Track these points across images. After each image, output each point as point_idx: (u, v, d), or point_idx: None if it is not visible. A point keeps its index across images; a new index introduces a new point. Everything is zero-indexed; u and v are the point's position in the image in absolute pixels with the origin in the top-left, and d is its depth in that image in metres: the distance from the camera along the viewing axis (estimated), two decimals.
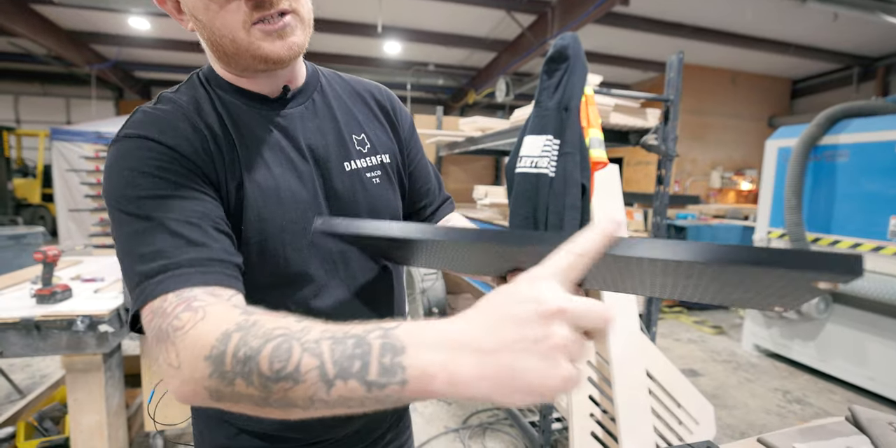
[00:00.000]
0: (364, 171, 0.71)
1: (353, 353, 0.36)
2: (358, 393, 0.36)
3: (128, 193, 0.53)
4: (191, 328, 0.43)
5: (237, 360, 0.39)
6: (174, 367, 0.43)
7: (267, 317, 0.43)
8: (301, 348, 0.37)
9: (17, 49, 8.38)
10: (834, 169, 3.18)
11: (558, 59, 1.73)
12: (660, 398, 2.06)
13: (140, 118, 0.59)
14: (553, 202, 1.72)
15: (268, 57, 0.58)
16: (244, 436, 0.70)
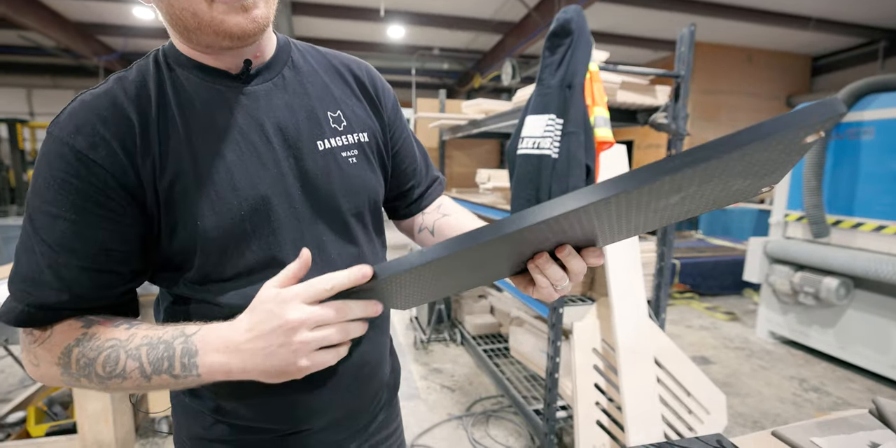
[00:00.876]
0: (339, 150, 0.66)
1: (163, 355, 0.51)
2: (169, 382, 0.52)
3: (33, 202, 0.54)
4: (42, 342, 0.55)
5: (79, 366, 0.53)
6: (35, 365, 0.56)
7: (102, 328, 0.54)
8: (126, 355, 0.52)
9: (27, 42, 8.42)
10: (858, 147, 3.04)
11: (561, 34, 1.64)
12: (669, 387, 2.02)
13: (69, 112, 0.55)
14: (556, 184, 1.65)
15: (231, 32, 0.54)
16: (220, 426, 0.68)
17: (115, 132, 0.54)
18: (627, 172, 0.38)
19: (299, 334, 0.47)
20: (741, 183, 0.45)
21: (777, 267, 3.48)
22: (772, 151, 0.38)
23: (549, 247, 0.51)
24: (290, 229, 0.62)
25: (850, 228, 3.06)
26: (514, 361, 3.01)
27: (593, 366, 2.02)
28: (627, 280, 1.97)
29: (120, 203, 0.55)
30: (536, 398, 2.49)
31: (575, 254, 0.52)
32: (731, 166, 0.39)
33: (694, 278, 4.82)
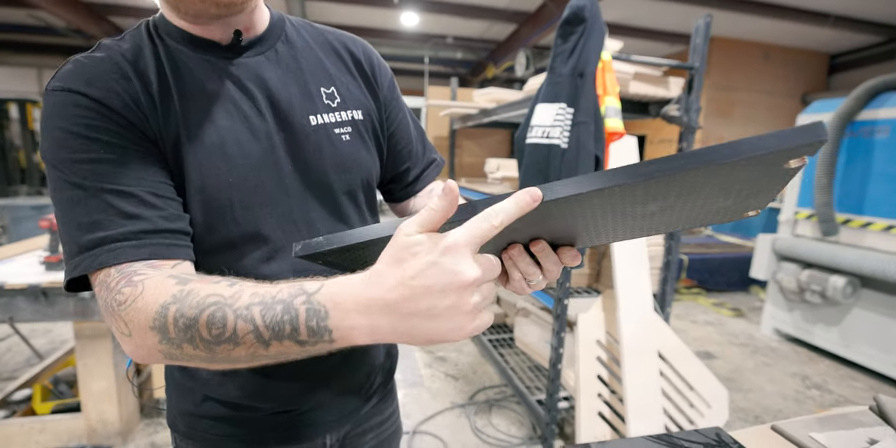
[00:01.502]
0: (332, 126, 0.66)
1: (283, 318, 0.40)
2: (293, 349, 0.42)
3: (61, 156, 0.51)
4: (132, 302, 0.46)
5: (178, 329, 0.43)
6: (126, 335, 0.47)
7: (201, 284, 0.45)
8: (234, 315, 0.42)
9: (37, 22, 8.43)
10: (871, 146, 3.00)
11: (574, 22, 1.63)
12: (671, 380, 2.02)
13: (69, 68, 0.54)
14: (565, 174, 1.65)
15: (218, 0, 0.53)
16: (210, 403, 0.67)
17: (125, 89, 0.54)
18: (602, 171, 0.37)
19: (475, 295, 0.38)
20: (723, 201, 0.44)
21: (785, 264, 3.46)
22: (752, 171, 0.38)
23: (524, 239, 0.50)
24: (278, 203, 0.62)
25: (859, 227, 3.04)
26: (518, 352, 3.03)
27: (596, 357, 2.03)
28: (634, 273, 1.96)
29: (149, 143, 0.55)
30: (539, 389, 2.50)
31: (549, 251, 0.49)
32: (710, 180, 0.38)
33: (701, 274, 4.81)
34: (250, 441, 0.69)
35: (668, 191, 0.39)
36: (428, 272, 0.36)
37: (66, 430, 1.99)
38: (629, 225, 0.48)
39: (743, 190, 0.42)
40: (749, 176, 0.39)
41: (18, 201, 4.81)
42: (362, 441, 0.79)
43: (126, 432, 2.06)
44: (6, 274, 1.80)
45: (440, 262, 0.36)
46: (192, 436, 0.69)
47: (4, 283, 1.69)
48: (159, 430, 2.18)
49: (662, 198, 0.41)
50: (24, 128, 8.77)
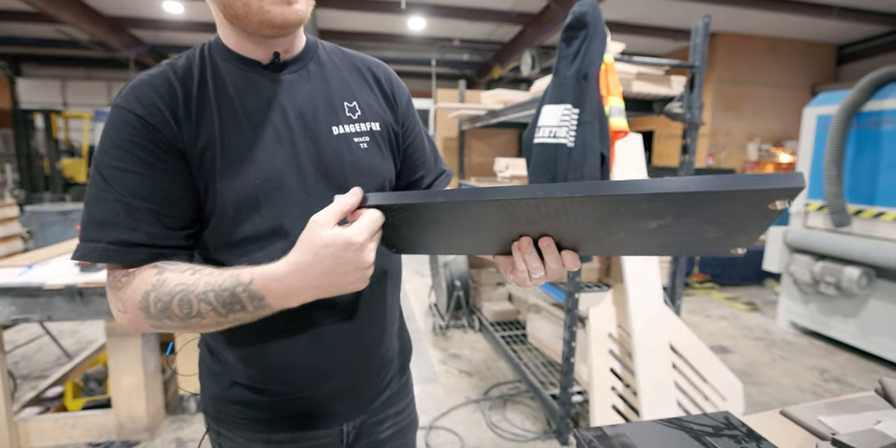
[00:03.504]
0: (352, 135, 0.74)
1: (232, 301, 0.57)
2: (246, 317, 0.59)
3: (104, 160, 0.63)
4: (125, 288, 0.62)
5: (158, 310, 0.59)
6: (122, 311, 0.63)
7: (171, 274, 0.60)
8: (196, 299, 0.58)
9: (63, 36, 8.71)
10: (879, 136, 3.01)
11: (577, 27, 1.69)
12: (684, 372, 2.03)
13: (130, 87, 0.65)
14: (572, 172, 1.71)
15: (275, 22, 0.63)
16: (236, 387, 0.75)
17: (167, 102, 0.64)
18: (606, 181, 0.45)
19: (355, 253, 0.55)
20: (713, 232, 0.50)
21: (797, 256, 3.47)
22: (737, 205, 0.43)
23: (534, 234, 0.56)
24: (300, 202, 0.69)
25: (871, 218, 3.04)
26: (531, 348, 3.08)
27: (609, 351, 2.07)
28: (643, 267, 2.01)
29: (175, 159, 0.64)
30: (553, 384, 2.54)
31: (553, 248, 0.58)
32: (698, 205, 0.44)
33: (714, 268, 4.80)
34: (273, 426, 0.76)
35: (666, 211, 0.46)
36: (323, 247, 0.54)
37: (97, 426, 2.06)
38: (630, 239, 0.54)
39: (730, 224, 0.47)
40: (735, 209, 0.44)
41: (45, 207, 4.98)
42: (378, 430, 0.85)
43: (153, 428, 2.13)
44: (45, 275, 1.90)
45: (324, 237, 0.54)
46: (220, 419, 0.77)
47: (44, 284, 1.79)
48: (184, 426, 2.26)
49: (662, 217, 0.47)
50: (48, 137, 9.04)
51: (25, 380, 2.70)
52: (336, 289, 0.57)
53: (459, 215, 0.54)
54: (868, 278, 3.04)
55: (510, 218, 0.53)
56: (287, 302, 0.58)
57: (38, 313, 1.81)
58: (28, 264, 2.05)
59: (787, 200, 0.42)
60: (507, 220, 0.54)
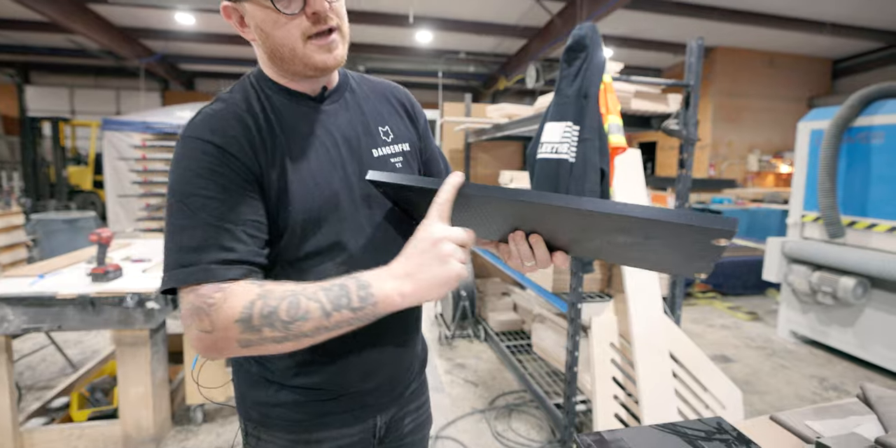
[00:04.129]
0: (389, 156, 0.83)
1: (339, 293, 0.61)
2: (348, 317, 0.61)
3: (184, 189, 0.66)
4: (222, 304, 0.61)
5: (262, 316, 0.60)
6: (207, 331, 0.62)
7: (275, 285, 0.63)
8: (306, 299, 0.60)
9: (73, 45, 8.87)
10: (869, 151, 3.10)
11: (577, 49, 1.79)
12: (685, 381, 2.08)
13: (200, 120, 0.71)
14: (573, 187, 1.79)
15: (317, 66, 0.71)
16: (284, 391, 0.81)
17: (242, 134, 0.70)
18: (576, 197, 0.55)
19: (445, 244, 0.61)
20: (675, 256, 0.60)
21: (795, 267, 3.53)
22: (686, 236, 0.52)
23: (527, 230, 0.67)
24: (352, 219, 0.77)
25: (864, 229, 3.12)
26: (536, 358, 3.11)
27: (611, 359, 2.11)
28: (643, 277, 2.08)
29: (252, 185, 0.70)
30: (557, 393, 2.57)
31: (541, 243, 0.68)
32: (655, 230, 0.53)
33: (716, 278, 4.84)
34: (317, 425, 0.82)
35: (630, 230, 0.56)
36: (415, 241, 0.63)
37: (102, 436, 2.04)
38: (606, 248, 0.65)
39: (687, 251, 0.57)
40: (687, 240, 0.53)
41: (51, 216, 5.01)
42: (403, 424, 0.93)
43: (159, 438, 2.12)
44: (57, 285, 1.93)
45: (420, 234, 0.63)
46: (265, 423, 0.82)
47: (57, 294, 1.81)
48: (190, 436, 2.25)
49: (628, 234, 0.57)
50: (55, 145, 9.09)
51: (30, 390, 2.70)
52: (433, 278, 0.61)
53: (484, 207, 0.65)
54: (863, 288, 3.10)
55: (511, 215, 0.65)
56: (388, 291, 0.61)
57: (49, 323, 1.82)
58: (40, 274, 2.08)
59: (727, 239, 0.51)
60: (508, 216, 0.65)
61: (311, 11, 0.67)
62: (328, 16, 0.68)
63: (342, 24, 0.73)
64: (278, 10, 0.66)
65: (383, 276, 0.62)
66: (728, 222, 0.49)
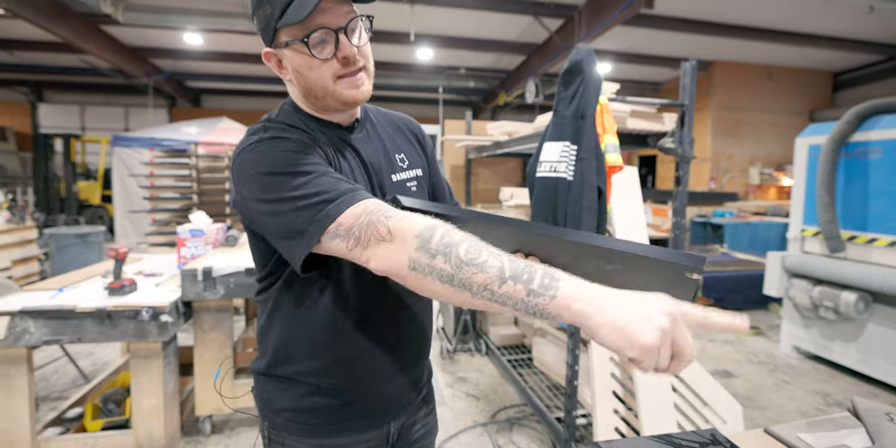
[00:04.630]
0: (405, 181, 0.93)
1: (525, 269, 0.54)
2: (520, 295, 0.53)
3: (281, 167, 0.70)
4: (402, 217, 0.62)
5: (441, 244, 0.57)
6: (383, 239, 0.61)
7: (452, 229, 0.60)
8: (488, 253, 0.57)
9: (85, 64, 9.09)
10: (867, 166, 3.13)
11: (574, 72, 1.84)
12: (684, 395, 2.08)
13: (265, 125, 0.79)
14: (571, 204, 1.83)
15: (347, 100, 0.80)
16: (308, 397, 0.86)
17: (307, 139, 0.78)
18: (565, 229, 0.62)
19: (667, 321, 0.49)
20: (656, 285, 0.58)
21: (796, 281, 3.54)
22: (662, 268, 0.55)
23: (526, 252, 0.71)
24: None
25: (864, 244, 3.14)
26: (537, 372, 3.13)
27: (611, 373, 2.13)
28: None
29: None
30: (559, 407, 2.58)
31: None
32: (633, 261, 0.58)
33: (717, 292, 4.83)
34: (338, 429, 0.87)
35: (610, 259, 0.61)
36: (649, 301, 0.51)
37: (115, 446, 2.08)
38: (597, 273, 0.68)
39: (666, 281, 0.58)
40: (664, 271, 0.56)
41: (63, 230, 5.12)
42: (413, 430, 0.99)
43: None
44: (76, 298, 2.00)
45: (656, 302, 0.51)
46: (289, 428, 0.87)
47: (76, 307, 1.89)
48: (198, 447, 2.31)
49: (613, 263, 0.62)
50: (66, 160, 9.29)
51: (44, 401, 2.76)
52: (634, 333, 0.48)
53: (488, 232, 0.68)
54: (865, 303, 3.10)
55: (512, 240, 0.69)
56: (574, 294, 0.51)
57: (68, 335, 1.90)
58: (59, 287, 2.16)
59: (698, 274, 0.53)
60: (509, 240, 0.69)
61: (341, 56, 0.76)
62: (356, 58, 0.77)
63: (368, 64, 0.81)
64: (314, 56, 0.74)
65: (580, 283, 0.53)
66: (695, 259, 0.52)
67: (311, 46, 0.74)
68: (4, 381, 1.91)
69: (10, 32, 7.54)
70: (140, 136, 7.52)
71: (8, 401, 1.92)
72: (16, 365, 1.91)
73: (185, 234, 2.53)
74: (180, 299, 2.11)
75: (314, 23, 0.72)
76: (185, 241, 2.53)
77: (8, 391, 1.92)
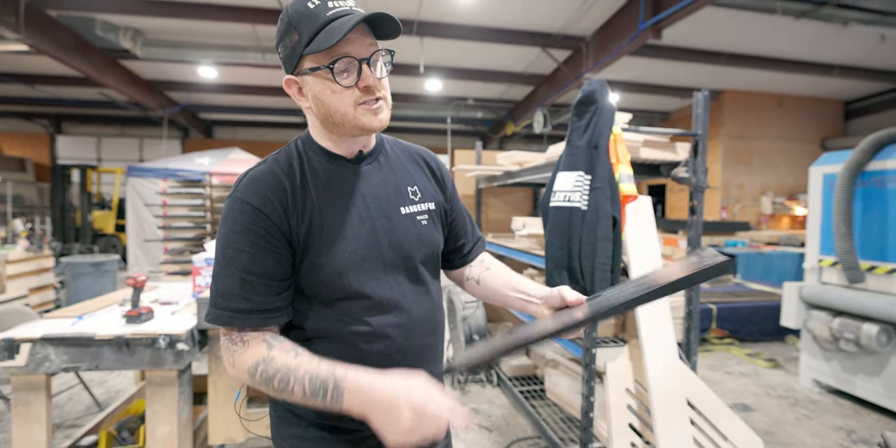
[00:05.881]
0: (415, 214, 0.93)
1: (319, 389, 0.72)
2: (320, 404, 0.72)
3: (225, 242, 0.81)
4: (239, 352, 0.79)
5: (261, 379, 0.75)
6: (231, 366, 0.80)
7: (279, 353, 0.76)
8: (294, 380, 0.73)
9: (104, 97, 9.40)
10: (885, 195, 3.11)
11: (587, 103, 1.88)
12: (703, 429, 2.03)
13: (245, 182, 0.83)
14: (586, 234, 1.83)
15: (364, 127, 0.83)
16: (312, 428, 0.88)
17: (277, 195, 0.81)
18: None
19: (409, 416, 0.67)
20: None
21: (814, 312, 3.46)
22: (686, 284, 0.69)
23: None
24: (376, 271, 0.86)
25: (885, 274, 3.08)
26: (549, 403, 3.06)
27: (627, 406, 2.09)
28: (657, 322, 2.07)
29: (280, 241, 0.81)
30: (573, 440, 2.51)
31: None
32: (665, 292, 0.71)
33: (732, 323, 4.74)
34: None
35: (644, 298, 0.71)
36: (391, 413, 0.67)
37: None
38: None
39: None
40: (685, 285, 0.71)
41: (78, 259, 5.20)
42: None
43: None
44: (95, 326, 2.02)
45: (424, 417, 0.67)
46: None
47: (95, 334, 1.91)
48: None
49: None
50: (82, 190, 9.50)
51: (59, 428, 2.77)
52: (389, 428, 0.67)
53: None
54: (888, 335, 3.02)
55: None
56: (351, 410, 0.70)
57: (87, 362, 1.91)
58: (79, 315, 2.18)
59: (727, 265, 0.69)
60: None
61: (363, 85, 0.80)
62: (377, 88, 0.81)
63: (387, 95, 0.85)
64: (337, 82, 0.79)
65: (354, 399, 0.70)
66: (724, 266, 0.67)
67: (336, 73, 0.78)
68: (24, 408, 1.92)
69: (34, 67, 7.86)
70: (154, 167, 7.68)
71: (27, 427, 1.93)
72: (35, 391, 1.92)
73: (200, 262, 2.54)
74: (196, 327, 2.11)
75: (340, 51, 0.77)
76: (200, 269, 2.53)
77: (27, 418, 1.92)
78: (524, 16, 5.80)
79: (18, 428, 1.92)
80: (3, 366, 1.85)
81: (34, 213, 10.45)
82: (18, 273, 4.84)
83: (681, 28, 5.43)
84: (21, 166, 10.89)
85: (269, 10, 5.51)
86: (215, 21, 5.62)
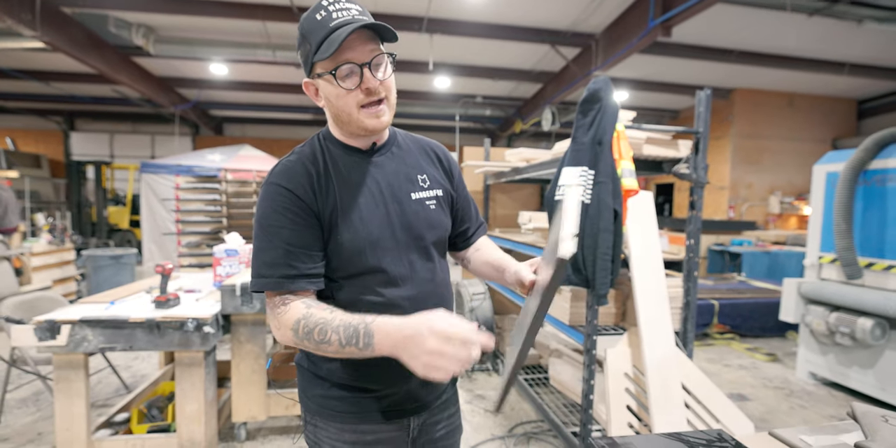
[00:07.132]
0: (425, 199, 1.04)
1: (353, 336, 0.78)
2: (355, 352, 0.79)
3: (265, 221, 0.91)
4: (282, 314, 0.87)
5: (304, 333, 0.83)
6: (276, 328, 0.88)
7: (317, 311, 0.84)
8: (331, 330, 0.80)
9: (116, 94, 9.55)
10: (885, 193, 3.18)
11: (591, 101, 1.98)
12: (697, 412, 2.13)
13: (278, 170, 0.95)
14: (589, 226, 1.94)
15: (367, 128, 0.94)
16: (335, 389, 0.99)
17: (307, 180, 0.93)
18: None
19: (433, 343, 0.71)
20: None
21: (812, 307, 3.55)
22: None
23: None
24: (391, 250, 0.97)
25: (882, 270, 3.15)
26: (553, 391, 3.18)
27: (625, 388, 2.19)
28: (655, 311, 2.17)
29: (313, 219, 0.92)
30: (574, 423, 2.62)
31: None
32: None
33: (734, 319, 4.82)
34: (361, 418, 1.00)
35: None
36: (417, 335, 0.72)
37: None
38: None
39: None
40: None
41: (98, 252, 5.37)
42: (435, 429, 1.09)
43: None
44: (127, 310, 2.17)
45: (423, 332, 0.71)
46: (321, 413, 1.01)
47: (129, 317, 2.06)
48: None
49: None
50: (97, 186, 9.69)
51: (92, 407, 2.89)
52: (417, 354, 0.71)
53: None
54: (882, 329, 3.11)
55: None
56: (382, 349, 0.76)
57: (122, 343, 2.06)
58: (111, 301, 2.33)
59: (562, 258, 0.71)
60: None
61: (364, 87, 0.89)
62: (378, 90, 0.90)
63: (390, 96, 0.94)
64: (340, 86, 0.88)
65: (387, 333, 0.75)
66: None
67: (339, 78, 0.88)
68: (65, 385, 2.08)
69: (48, 64, 7.99)
70: (167, 164, 7.84)
71: (68, 402, 2.09)
72: (75, 369, 2.08)
73: (220, 253, 2.67)
74: (220, 313, 2.24)
75: (342, 58, 0.87)
76: (220, 260, 2.67)
77: (68, 393, 2.08)
78: (534, 13, 5.85)
79: (60, 403, 2.08)
80: (45, 345, 2.00)
81: (51, 208, 10.67)
82: (42, 265, 5.03)
83: (690, 25, 5.46)
84: (36, 162, 11.10)
85: (280, 7, 5.58)
86: (226, 18, 5.70)
